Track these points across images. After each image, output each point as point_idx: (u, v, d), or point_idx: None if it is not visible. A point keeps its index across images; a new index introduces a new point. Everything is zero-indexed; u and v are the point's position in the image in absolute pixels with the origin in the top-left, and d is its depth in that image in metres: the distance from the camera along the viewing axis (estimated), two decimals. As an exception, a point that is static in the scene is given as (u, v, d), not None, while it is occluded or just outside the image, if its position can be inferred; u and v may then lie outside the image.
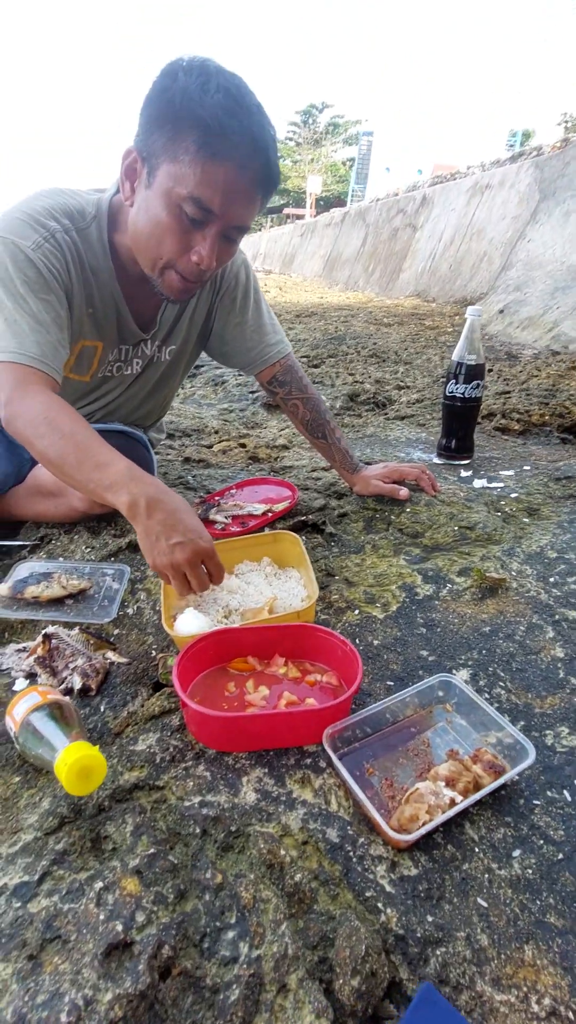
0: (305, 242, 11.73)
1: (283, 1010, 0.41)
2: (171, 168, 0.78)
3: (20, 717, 0.61)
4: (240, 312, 1.13)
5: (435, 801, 0.55)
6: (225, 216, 0.81)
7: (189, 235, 0.83)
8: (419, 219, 6.82)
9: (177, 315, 1.10)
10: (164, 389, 1.21)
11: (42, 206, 0.89)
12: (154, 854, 0.50)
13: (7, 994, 0.40)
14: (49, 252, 0.88)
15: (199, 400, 2.36)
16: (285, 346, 1.16)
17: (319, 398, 1.18)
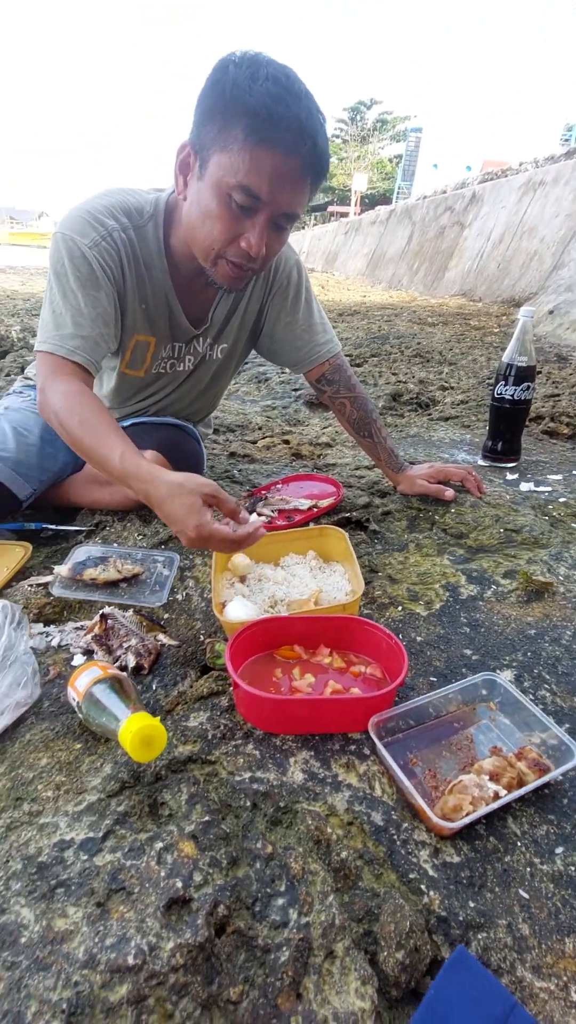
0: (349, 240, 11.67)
1: (330, 974, 0.43)
2: (221, 158, 0.80)
3: (83, 688, 0.65)
4: (291, 311, 1.14)
5: (479, 793, 0.56)
6: (273, 203, 0.82)
7: (239, 223, 0.84)
8: (467, 217, 6.70)
9: (229, 313, 1.12)
10: (216, 387, 1.25)
11: (103, 204, 0.94)
12: (208, 822, 0.53)
13: (78, 935, 0.44)
14: (105, 250, 0.92)
15: (243, 396, 2.40)
16: (334, 345, 1.17)
17: (366, 397, 1.19)
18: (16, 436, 1.08)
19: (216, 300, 1.09)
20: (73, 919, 0.45)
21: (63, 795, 0.57)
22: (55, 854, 0.51)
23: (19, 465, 1.07)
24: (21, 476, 1.08)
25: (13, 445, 1.07)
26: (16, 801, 0.57)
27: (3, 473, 1.05)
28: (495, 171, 7.10)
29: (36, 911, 0.46)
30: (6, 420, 1.11)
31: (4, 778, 0.60)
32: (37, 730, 0.67)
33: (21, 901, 0.46)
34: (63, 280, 0.91)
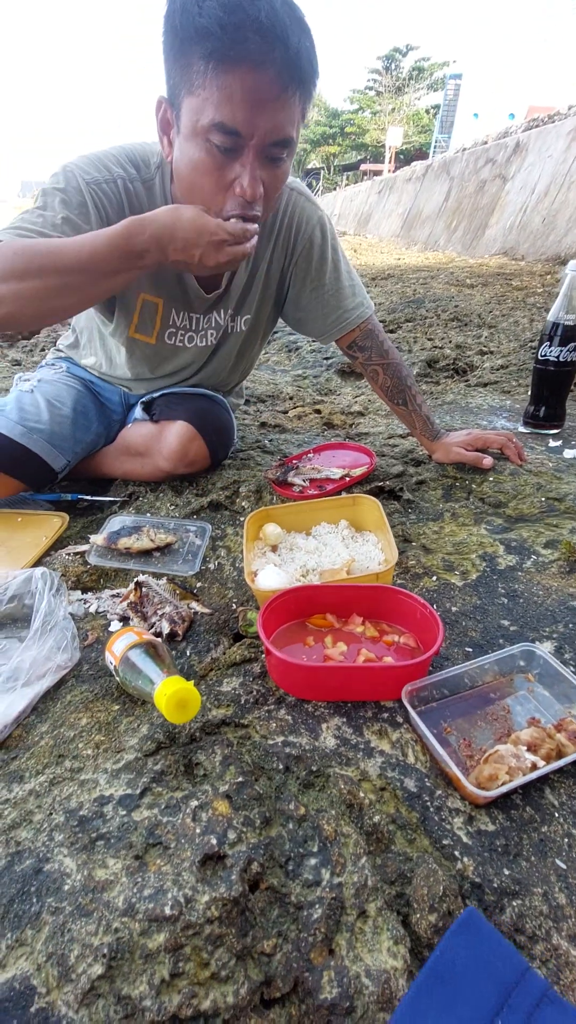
0: (382, 200, 11.18)
1: (363, 933, 0.44)
2: (190, 102, 0.72)
3: (120, 653, 0.66)
4: (316, 276, 1.08)
5: (516, 764, 0.55)
6: (256, 132, 0.72)
7: (227, 169, 0.76)
8: (510, 169, 6.29)
9: (248, 281, 1.07)
10: (243, 360, 1.22)
11: (110, 152, 0.90)
12: (242, 783, 0.54)
13: (118, 885, 0.46)
14: (105, 193, 0.87)
15: (273, 366, 2.37)
16: (365, 309, 1.11)
17: (400, 362, 1.14)
18: (50, 408, 1.09)
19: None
20: (113, 870, 0.47)
21: (102, 753, 0.59)
22: (95, 809, 0.52)
23: (53, 437, 1.09)
24: (55, 448, 1.09)
25: (47, 417, 1.08)
26: (59, 758, 0.60)
27: (38, 445, 1.07)
28: (541, 117, 6.60)
29: (78, 861, 0.48)
30: (40, 393, 1.12)
31: (47, 736, 0.63)
32: (77, 692, 0.69)
33: (64, 851, 0.49)
34: (49, 198, 0.84)
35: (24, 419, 1.06)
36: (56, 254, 0.75)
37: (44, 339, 2.49)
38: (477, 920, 0.41)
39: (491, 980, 0.37)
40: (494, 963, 0.39)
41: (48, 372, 1.20)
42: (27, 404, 1.09)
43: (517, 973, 0.38)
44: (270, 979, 0.41)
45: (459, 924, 0.41)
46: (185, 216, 0.76)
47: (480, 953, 0.39)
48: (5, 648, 0.76)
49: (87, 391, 1.18)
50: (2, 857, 0.49)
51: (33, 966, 0.41)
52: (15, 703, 0.67)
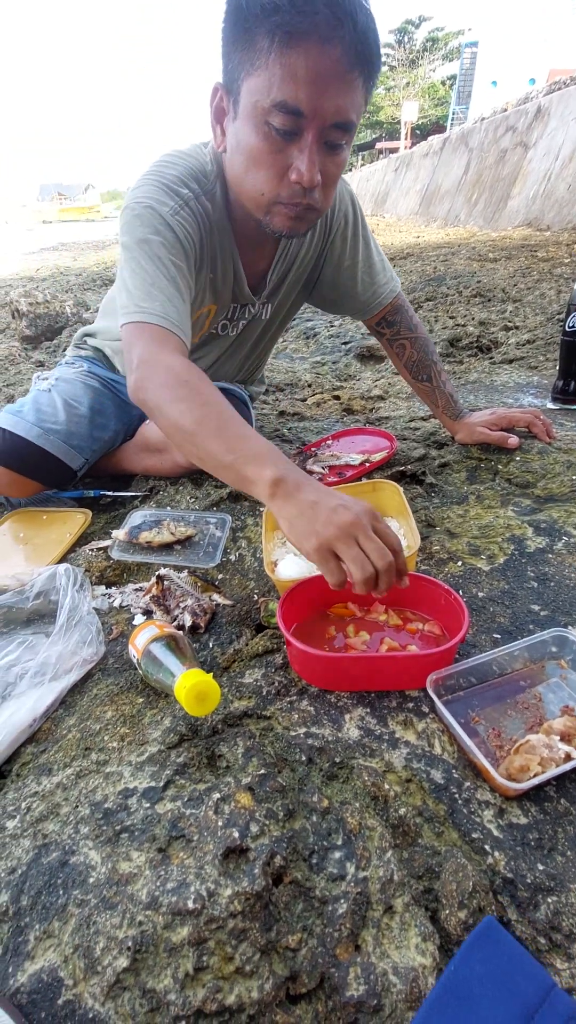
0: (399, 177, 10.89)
1: (389, 928, 0.43)
2: (250, 83, 0.69)
3: (142, 646, 0.66)
4: (351, 254, 1.05)
5: (548, 754, 0.52)
6: (318, 112, 0.68)
7: (284, 154, 0.72)
8: (531, 136, 6.03)
9: (284, 273, 1.05)
10: (261, 345, 1.20)
11: (173, 174, 0.85)
12: (264, 775, 0.53)
13: (141, 878, 0.46)
14: (184, 220, 0.84)
15: (291, 354, 2.34)
16: (396, 284, 1.09)
17: (428, 338, 1.12)
18: (66, 408, 1.10)
19: (276, 259, 1.01)
20: (136, 863, 0.47)
21: (127, 746, 0.60)
22: (120, 801, 0.53)
23: (70, 437, 1.09)
24: (73, 447, 1.10)
25: (64, 417, 1.09)
26: (85, 751, 0.60)
27: (55, 446, 1.08)
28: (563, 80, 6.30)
29: (103, 854, 0.48)
30: (56, 392, 1.12)
31: (74, 729, 0.64)
32: (103, 685, 0.70)
33: (89, 844, 0.49)
34: (147, 248, 0.80)
35: (41, 420, 1.07)
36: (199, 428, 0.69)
37: (67, 340, 2.52)
38: (496, 931, 0.38)
39: (513, 999, 0.34)
40: (516, 980, 0.36)
41: (66, 370, 1.20)
42: (44, 404, 1.10)
43: (542, 992, 0.35)
44: (295, 974, 0.40)
45: (476, 936, 0.38)
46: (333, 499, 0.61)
47: (500, 968, 0.36)
48: (33, 644, 0.77)
49: (105, 389, 1.18)
50: (30, 850, 0.50)
51: (60, 958, 0.42)
52: (44, 697, 0.68)
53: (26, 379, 2.03)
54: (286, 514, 0.62)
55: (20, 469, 1.07)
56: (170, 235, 0.82)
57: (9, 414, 1.08)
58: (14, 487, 1.09)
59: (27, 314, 2.63)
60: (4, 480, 1.08)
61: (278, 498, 0.62)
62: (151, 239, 0.81)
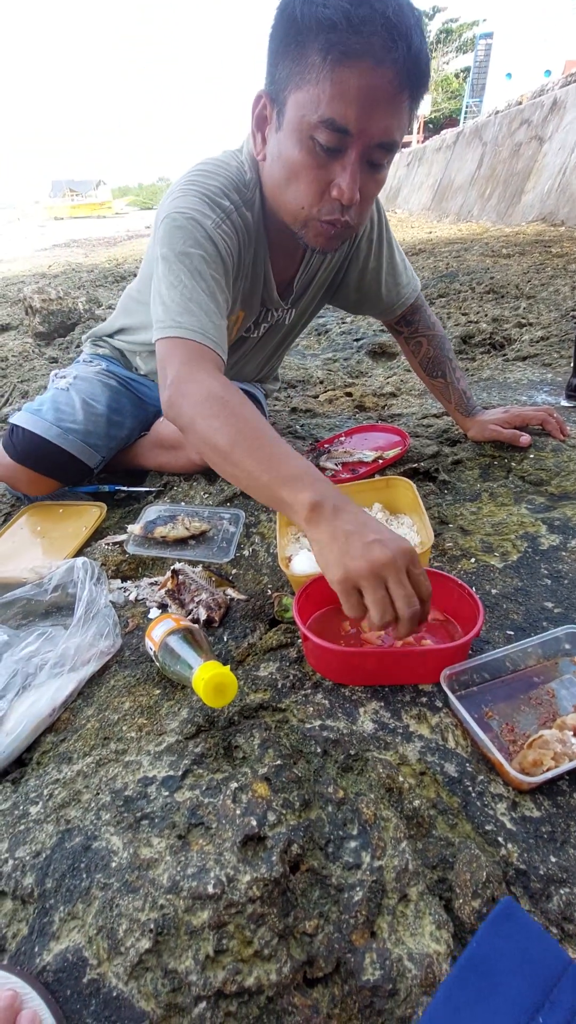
0: (412, 172, 10.81)
1: (404, 916, 0.44)
2: (298, 96, 0.69)
3: (159, 639, 0.68)
4: (376, 257, 1.05)
5: (562, 749, 0.53)
6: (365, 132, 0.68)
7: (326, 170, 0.72)
8: (547, 129, 5.95)
9: (310, 278, 1.05)
10: (282, 348, 1.21)
11: (216, 185, 0.84)
12: (280, 765, 0.54)
13: (162, 863, 0.47)
14: (225, 234, 0.83)
15: (303, 351, 2.34)
16: (417, 284, 1.10)
17: (444, 335, 1.13)
18: (84, 408, 1.11)
19: (303, 265, 1.00)
20: (157, 848, 0.48)
21: (145, 736, 0.61)
22: (139, 789, 0.54)
23: (88, 436, 1.11)
24: (90, 446, 1.11)
25: (82, 417, 1.10)
26: (104, 740, 0.62)
27: (73, 445, 1.09)
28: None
29: (124, 839, 0.49)
30: (75, 391, 1.13)
31: (93, 719, 0.65)
32: (120, 677, 0.71)
33: (111, 830, 0.50)
34: (188, 262, 0.79)
35: (60, 420, 1.09)
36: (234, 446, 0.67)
37: (79, 336, 2.54)
38: (515, 911, 0.40)
39: (531, 975, 0.36)
40: (534, 957, 0.37)
41: (84, 369, 1.21)
42: (63, 403, 1.11)
43: (559, 968, 0.36)
44: (312, 959, 0.41)
45: (496, 915, 0.39)
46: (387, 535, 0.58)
47: (519, 946, 0.37)
48: (52, 635, 0.78)
49: (123, 388, 1.19)
50: (54, 835, 0.51)
51: (84, 939, 0.43)
52: (63, 687, 0.70)
53: (40, 375, 2.05)
54: (319, 537, 0.59)
55: (38, 468, 1.09)
56: (212, 249, 0.81)
57: (28, 413, 1.10)
58: (32, 485, 1.11)
59: (40, 310, 2.65)
60: (23, 479, 1.10)
61: (313, 522, 0.60)
62: (192, 252, 0.79)
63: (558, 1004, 0.34)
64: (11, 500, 1.19)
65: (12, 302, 3.57)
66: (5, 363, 2.25)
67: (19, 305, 3.15)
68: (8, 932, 0.45)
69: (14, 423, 1.09)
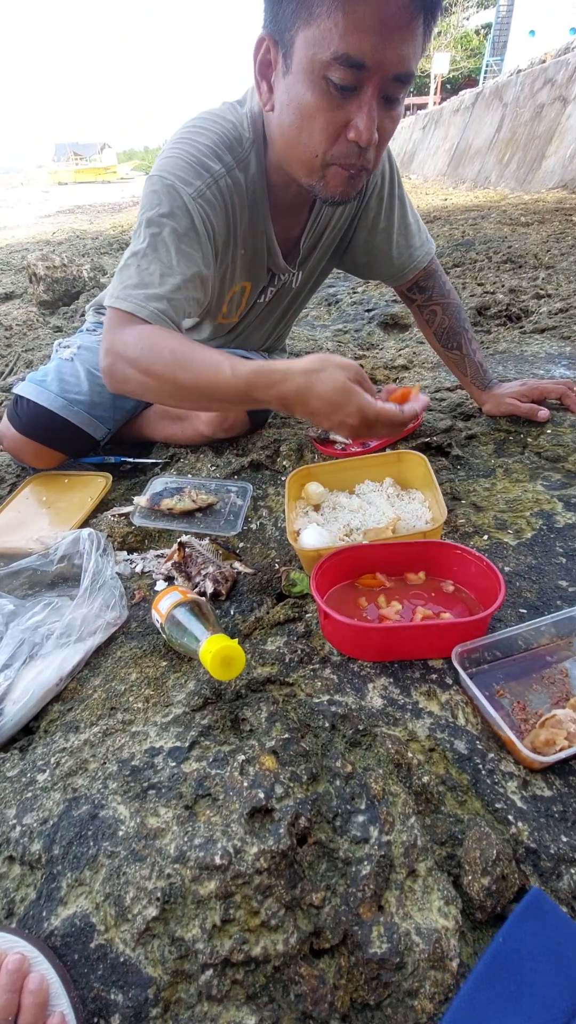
0: (427, 136, 10.39)
1: (412, 891, 0.43)
2: (307, 33, 0.64)
3: (165, 611, 0.67)
4: (387, 214, 0.99)
5: (575, 729, 0.52)
6: (382, 64, 0.64)
7: (342, 110, 0.68)
8: (572, 89, 5.67)
9: (317, 239, 1.00)
10: (289, 313, 1.16)
11: (205, 144, 0.80)
12: (288, 739, 0.54)
13: (169, 833, 0.47)
14: (209, 201, 0.80)
15: (312, 322, 2.28)
16: (431, 246, 1.04)
17: (460, 304, 1.07)
18: (89, 378, 1.08)
19: (309, 224, 0.95)
20: (164, 818, 0.48)
21: (152, 707, 0.61)
22: (146, 759, 0.54)
23: (94, 408, 1.08)
24: (96, 418, 1.09)
25: (87, 388, 1.08)
26: (111, 710, 0.61)
27: (79, 417, 1.07)
28: (611, 24, 5.86)
29: (131, 809, 0.49)
30: (79, 361, 1.10)
31: (99, 689, 0.65)
32: (127, 648, 0.71)
33: (118, 799, 0.50)
34: (157, 229, 0.79)
35: (65, 391, 1.06)
36: (177, 368, 0.73)
37: (84, 304, 2.49)
38: (546, 903, 0.38)
39: (565, 974, 0.34)
40: (568, 954, 0.35)
41: (88, 338, 1.17)
42: (67, 374, 1.08)
43: None
44: (319, 930, 0.41)
45: (524, 907, 0.38)
46: (323, 388, 0.67)
47: (550, 941, 0.35)
48: (58, 606, 0.78)
49: None
50: (61, 803, 0.51)
51: (92, 905, 0.43)
52: (69, 657, 0.69)
53: (44, 344, 2.01)
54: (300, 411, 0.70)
55: (44, 440, 1.07)
56: (185, 221, 0.78)
57: (33, 384, 1.07)
58: (38, 457, 1.09)
59: (44, 278, 2.59)
60: (28, 450, 1.08)
61: (289, 405, 0.70)
62: (163, 222, 0.78)
63: None
64: (16, 470, 1.17)
65: (16, 270, 3.50)
66: (9, 332, 2.21)
67: (23, 273, 3.08)
68: (16, 896, 0.45)
69: (19, 394, 1.07)
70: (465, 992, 0.35)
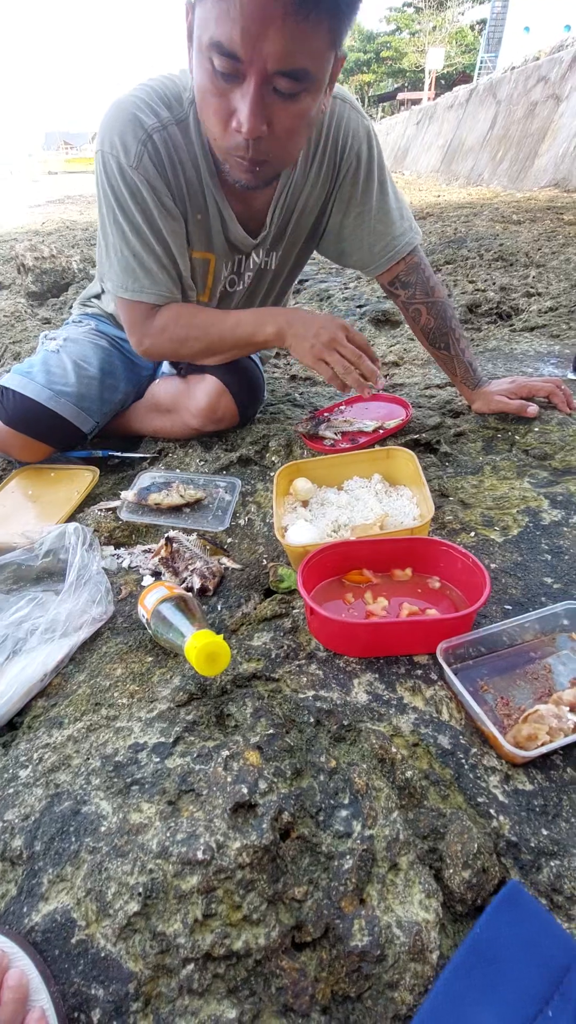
0: (421, 131, 10.37)
1: (394, 885, 0.44)
2: (199, 11, 0.60)
3: (151, 606, 0.66)
4: (362, 198, 0.97)
5: (557, 724, 0.52)
6: (257, 58, 0.59)
7: (227, 98, 0.64)
8: (565, 87, 5.69)
9: (287, 215, 0.98)
10: (271, 298, 1.14)
11: (140, 97, 0.80)
12: (272, 734, 0.54)
13: (152, 828, 0.47)
14: (150, 164, 0.81)
15: (304, 317, 2.27)
16: (414, 236, 1.00)
17: (447, 301, 1.05)
18: (76, 370, 1.07)
19: (274, 202, 0.94)
20: (147, 814, 0.48)
21: (136, 703, 0.60)
22: (130, 755, 0.54)
23: (81, 400, 1.07)
24: (83, 411, 1.07)
25: (74, 379, 1.06)
26: (95, 706, 0.61)
27: (67, 409, 1.05)
28: (604, 22, 5.88)
29: (113, 804, 0.49)
30: (66, 353, 1.09)
31: (84, 685, 0.64)
32: (112, 644, 0.70)
33: (100, 795, 0.50)
34: (125, 210, 0.84)
35: (51, 382, 1.05)
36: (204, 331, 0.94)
37: (73, 296, 2.46)
38: (521, 895, 0.39)
39: (539, 963, 0.35)
40: (542, 944, 0.36)
41: (74, 330, 1.16)
42: (54, 366, 1.07)
43: (569, 956, 0.35)
44: (301, 924, 0.41)
45: (501, 899, 0.38)
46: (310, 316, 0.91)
47: (526, 932, 0.36)
48: (43, 601, 0.77)
49: (114, 349, 1.15)
50: (43, 798, 0.51)
51: (73, 900, 0.43)
52: (54, 653, 0.69)
53: (32, 336, 1.98)
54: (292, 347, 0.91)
55: (30, 432, 1.05)
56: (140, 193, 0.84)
57: (19, 375, 1.05)
58: (24, 450, 1.08)
59: (33, 269, 2.56)
60: (14, 443, 1.06)
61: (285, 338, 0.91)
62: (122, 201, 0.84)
63: (568, 996, 0.33)
64: (2, 463, 1.16)
65: (4, 260, 3.44)
66: (-3, 323, 2.18)
67: (11, 263, 3.03)
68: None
69: (4, 385, 1.05)
70: (443, 982, 0.36)
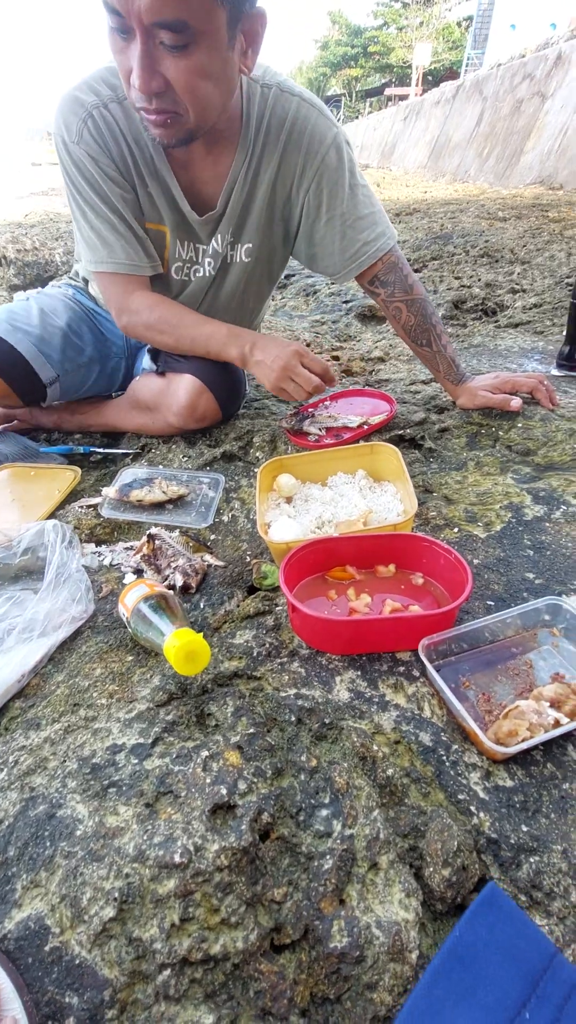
0: (408, 127, 10.36)
1: (374, 884, 0.43)
2: None
3: (131, 605, 0.65)
4: (329, 205, 0.96)
5: (537, 720, 0.52)
6: (133, 11, 0.62)
7: (125, 55, 0.68)
8: (550, 85, 5.72)
9: (247, 202, 0.96)
10: (250, 297, 1.12)
11: (85, 80, 0.85)
12: (253, 734, 0.53)
13: (128, 832, 0.46)
14: (91, 139, 0.86)
15: (290, 312, 2.26)
16: (387, 240, 1.00)
17: (426, 299, 1.04)
18: (41, 316, 1.08)
19: (227, 183, 0.93)
20: (124, 817, 0.47)
21: (115, 703, 0.59)
22: (108, 757, 0.53)
23: (42, 343, 1.06)
24: (43, 354, 1.06)
25: (37, 321, 1.07)
26: (73, 707, 0.60)
27: (24, 346, 1.03)
28: (589, 21, 5.92)
29: (90, 807, 0.48)
30: (35, 301, 1.11)
31: (63, 685, 0.63)
32: (92, 643, 0.69)
33: (76, 798, 0.49)
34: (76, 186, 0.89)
35: (13, 319, 1.05)
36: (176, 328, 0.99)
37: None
38: (500, 898, 0.39)
39: (517, 965, 0.35)
40: (519, 946, 0.36)
41: (52, 289, 1.18)
42: (18, 310, 1.08)
43: (545, 958, 0.35)
44: (280, 926, 0.41)
45: (480, 902, 0.38)
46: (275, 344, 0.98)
47: (504, 935, 0.36)
48: (21, 600, 0.75)
49: (86, 316, 1.16)
50: (17, 802, 0.49)
51: (47, 907, 0.42)
52: (32, 653, 0.67)
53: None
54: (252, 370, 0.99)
55: None
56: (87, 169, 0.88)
57: None
58: None
59: (15, 262, 2.51)
60: None
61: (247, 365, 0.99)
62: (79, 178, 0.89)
63: (545, 998, 0.33)
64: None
65: (-15, 252, 3.37)
66: (-23, 316, 2.14)
67: (-8, 255, 2.97)
68: (-31, 900, 0.44)
69: None
70: (422, 985, 0.35)
